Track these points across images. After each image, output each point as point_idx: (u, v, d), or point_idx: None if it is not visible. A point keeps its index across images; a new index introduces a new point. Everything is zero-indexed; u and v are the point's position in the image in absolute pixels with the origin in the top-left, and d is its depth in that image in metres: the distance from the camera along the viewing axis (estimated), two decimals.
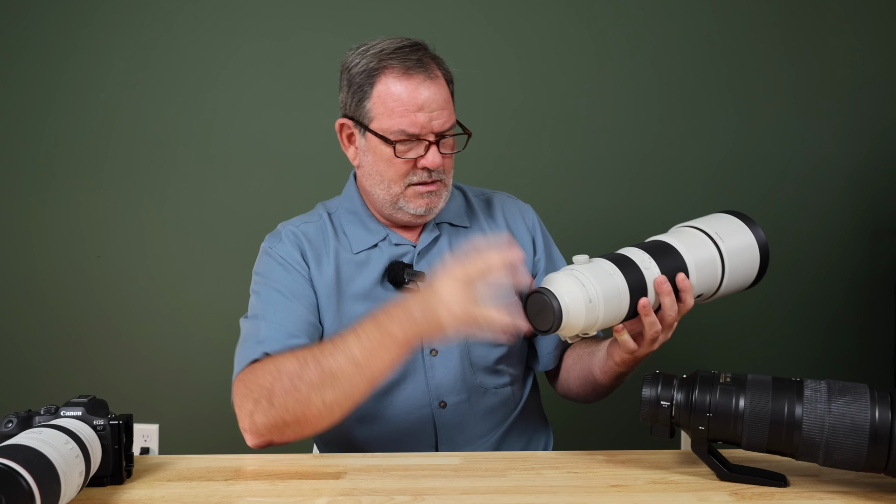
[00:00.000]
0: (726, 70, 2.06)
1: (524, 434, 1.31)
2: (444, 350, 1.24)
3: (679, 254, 1.05)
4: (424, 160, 1.19)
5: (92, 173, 2.07)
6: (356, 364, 1.01)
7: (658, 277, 1.02)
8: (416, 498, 0.92)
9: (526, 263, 1.33)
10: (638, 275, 1.01)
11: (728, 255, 1.08)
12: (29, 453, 0.78)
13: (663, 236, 1.10)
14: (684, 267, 1.05)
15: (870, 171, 2.09)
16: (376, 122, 1.20)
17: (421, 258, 1.27)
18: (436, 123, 1.18)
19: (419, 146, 1.19)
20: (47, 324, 2.10)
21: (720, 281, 1.09)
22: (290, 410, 1.03)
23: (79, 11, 2.03)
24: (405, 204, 1.23)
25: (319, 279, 1.23)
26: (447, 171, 1.24)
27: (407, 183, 1.21)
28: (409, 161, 1.20)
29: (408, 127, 1.17)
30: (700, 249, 1.07)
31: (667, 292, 1.02)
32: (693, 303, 1.05)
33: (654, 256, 1.04)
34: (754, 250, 1.11)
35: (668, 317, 1.04)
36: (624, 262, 1.02)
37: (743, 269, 1.10)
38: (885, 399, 0.87)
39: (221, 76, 2.04)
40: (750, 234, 1.11)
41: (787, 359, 2.11)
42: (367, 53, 1.21)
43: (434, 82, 1.19)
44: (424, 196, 1.22)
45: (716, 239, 1.08)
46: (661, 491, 0.94)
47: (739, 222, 1.12)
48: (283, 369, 1.04)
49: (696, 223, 1.12)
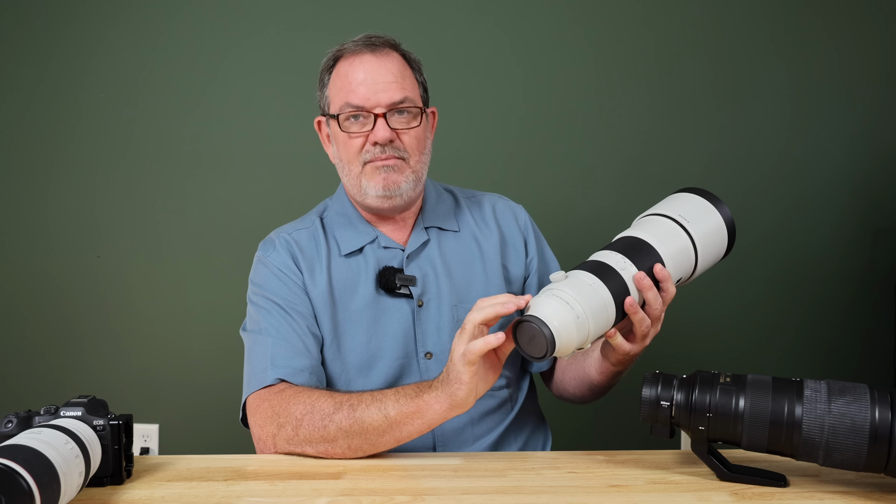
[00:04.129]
0: (726, 70, 2.06)
1: (522, 435, 1.31)
2: (439, 354, 1.25)
3: (652, 247, 1.05)
4: (373, 134, 1.20)
5: (92, 173, 2.07)
6: (389, 422, 1.03)
7: (637, 274, 1.01)
8: (416, 498, 0.92)
9: (517, 265, 1.34)
10: (617, 278, 1.00)
11: (699, 239, 1.08)
12: (29, 453, 0.78)
13: (632, 231, 1.09)
14: (659, 259, 1.05)
15: (870, 171, 2.09)
16: (332, 106, 1.24)
17: (410, 262, 1.27)
18: (382, 96, 1.20)
19: (367, 121, 1.21)
20: (47, 324, 2.10)
21: (695, 264, 1.09)
22: (313, 444, 1.06)
23: (78, 12, 2.03)
24: (366, 184, 1.23)
25: (313, 288, 1.24)
26: (410, 151, 1.23)
27: (363, 161, 1.22)
28: (360, 136, 1.21)
29: (352, 98, 1.20)
30: (671, 238, 1.06)
31: (648, 287, 1.02)
32: (675, 290, 1.05)
33: (629, 255, 1.03)
34: (722, 229, 1.10)
35: (654, 310, 1.04)
36: (601, 269, 1.01)
37: (714, 248, 1.11)
38: (885, 399, 0.87)
39: (221, 76, 2.05)
40: (716, 212, 1.10)
41: (787, 359, 2.11)
42: (331, 51, 1.27)
43: (380, 57, 1.22)
44: (381, 171, 1.22)
45: (683, 223, 1.07)
46: (661, 491, 0.94)
47: (703, 201, 1.11)
48: (317, 407, 1.06)
49: (661, 210, 1.11)
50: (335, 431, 1.04)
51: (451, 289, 1.27)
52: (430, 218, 1.31)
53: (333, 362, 1.23)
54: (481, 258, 1.31)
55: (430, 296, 1.26)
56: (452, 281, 1.27)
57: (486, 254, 1.31)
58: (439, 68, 2.02)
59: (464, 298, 1.27)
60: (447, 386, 1.00)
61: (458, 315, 1.26)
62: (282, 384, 1.14)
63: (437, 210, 1.32)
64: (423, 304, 1.25)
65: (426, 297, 1.26)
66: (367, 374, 1.23)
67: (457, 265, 1.29)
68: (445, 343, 1.25)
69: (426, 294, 1.26)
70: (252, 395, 1.15)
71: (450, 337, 1.25)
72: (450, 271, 1.28)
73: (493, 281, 1.30)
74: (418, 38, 2.02)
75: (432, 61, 1.98)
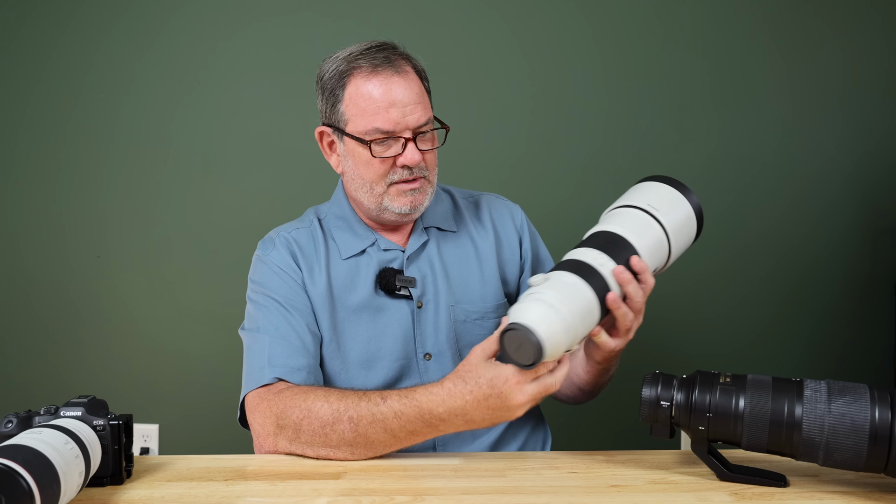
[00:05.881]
0: (725, 71, 2.06)
1: (521, 435, 1.31)
2: (437, 355, 1.25)
3: (626, 241, 1.03)
4: (403, 158, 1.18)
5: (91, 173, 2.07)
6: (393, 436, 1.03)
7: (616, 268, 1.00)
8: (416, 498, 0.92)
9: (513, 264, 1.34)
10: (597, 275, 0.99)
11: (670, 227, 1.07)
12: (29, 453, 0.78)
13: (604, 225, 1.07)
14: (635, 252, 1.03)
15: (870, 171, 2.09)
16: (351, 125, 1.20)
17: (410, 263, 1.27)
18: (410, 119, 1.17)
19: (396, 144, 1.18)
20: (47, 324, 2.10)
21: (668, 253, 1.08)
22: (314, 449, 1.06)
23: (78, 12, 2.03)
24: (390, 203, 1.22)
25: (312, 287, 1.24)
26: (430, 168, 1.23)
27: (388, 182, 1.21)
28: (388, 160, 1.19)
29: (382, 124, 1.17)
30: (644, 229, 1.05)
31: (628, 280, 1.01)
32: (653, 281, 1.04)
33: (605, 251, 1.02)
34: (690, 216, 1.09)
35: (636, 302, 1.03)
36: (580, 268, 0.99)
37: (685, 235, 1.10)
38: (885, 399, 0.87)
39: (221, 76, 2.05)
40: (684, 200, 1.09)
41: (787, 359, 2.11)
42: (337, 59, 1.22)
43: (404, 77, 1.18)
44: (408, 194, 1.21)
45: (654, 213, 1.06)
46: (661, 491, 0.94)
47: (670, 189, 1.10)
48: (315, 413, 1.05)
49: (629, 201, 1.10)
50: (337, 441, 1.04)
51: (448, 290, 1.27)
52: (429, 218, 1.31)
53: (333, 360, 1.23)
54: (478, 259, 1.31)
55: (429, 297, 1.26)
56: (450, 282, 1.27)
57: (482, 254, 1.31)
58: (439, 68, 2.02)
59: (461, 299, 1.27)
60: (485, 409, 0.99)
61: (454, 316, 1.26)
62: (280, 383, 1.13)
63: (437, 210, 1.32)
64: (422, 305, 1.25)
65: (425, 298, 1.26)
66: (366, 372, 1.23)
67: (454, 266, 1.29)
68: (444, 344, 1.25)
69: (425, 295, 1.26)
70: (250, 394, 1.14)
71: (447, 337, 1.25)
72: (447, 272, 1.28)
73: (489, 281, 1.30)
74: (418, 37, 2.03)
75: (432, 61, 1.98)
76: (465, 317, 1.27)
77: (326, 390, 1.09)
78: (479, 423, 1.01)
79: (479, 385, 0.98)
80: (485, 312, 1.28)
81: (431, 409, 1.01)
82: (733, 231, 2.08)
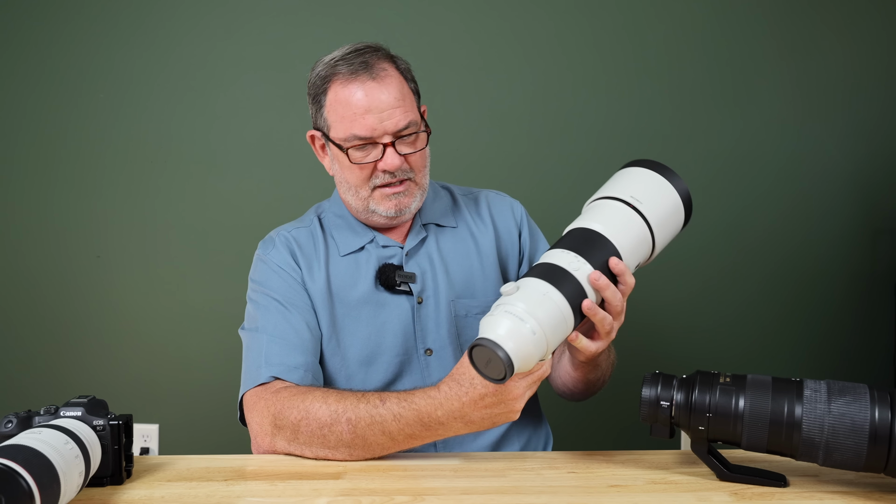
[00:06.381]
0: (726, 70, 2.06)
1: (522, 434, 1.31)
2: (438, 350, 1.25)
3: (605, 239, 0.98)
4: (382, 163, 1.18)
5: (91, 173, 2.07)
6: (391, 438, 1.04)
7: (591, 274, 0.95)
8: (416, 498, 0.92)
9: (513, 258, 1.35)
10: (571, 281, 0.94)
11: (654, 220, 1.01)
12: (29, 453, 0.78)
13: (584, 221, 1.01)
14: (614, 250, 0.98)
15: (870, 171, 2.09)
16: (333, 131, 1.21)
17: (409, 259, 1.27)
18: (388, 124, 1.17)
19: (376, 149, 1.18)
20: (47, 324, 2.10)
21: (652, 247, 1.03)
22: (312, 449, 1.06)
23: (78, 12, 2.03)
24: (376, 206, 1.22)
25: (311, 284, 1.24)
26: (416, 170, 1.22)
27: (372, 185, 1.21)
28: (368, 165, 1.19)
29: (359, 131, 1.17)
30: (625, 225, 1.00)
31: (605, 286, 0.95)
32: (633, 281, 1.00)
33: (581, 252, 0.96)
34: (678, 204, 1.03)
35: (614, 307, 0.99)
36: (553, 274, 0.94)
37: (670, 226, 1.04)
38: (885, 399, 0.87)
39: (221, 77, 2.04)
40: (669, 187, 1.03)
41: (787, 359, 2.10)
42: (322, 63, 1.22)
43: (381, 82, 1.17)
44: (392, 198, 1.21)
45: (637, 206, 1.01)
46: (661, 491, 0.94)
47: (655, 176, 1.03)
48: (312, 415, 1.05)
49: (611, 192, 1.03)
50: (335, 443, 1.04)
51: (448, 285, 1.27)
52: (427, 215, 1.31)
53: (333, 357, 1.23)
54: (478, 253, 1.31)
55: (429, 292, 1.26)
56: (450, 277, 1.28)
57: (482, 249, 1.31)
58: (439, 68, 2.03)
59: (461, 294, 1.27)
60: (483, 409, 1.01)
61: (455, 311, 1.26)
62: (277, 382, 1.13)
63: (435, 207, 1.33)
64: (422, 300, 1.25)
65: (425, 293, 1.26)
66: (366, 369, 1.24)
67: (454, 261, 1.29)
68: (444, 339, 1.25)
69: (425, 291, 1.26)
70: (248, 393, 1.15)
71: (448, 332, 1.25)
72: (447, 267, 1.28)
73: (489, 276, 1.30)
74: (418, 37, 2.04)
75: (431, 60, 1.99)
76: (466, 311, 1.27)
77: (325, 391, 1.09)
78: (480, 425, 1.01)
79: (474, 385, 0.99)
80: (486, 307, 1.27)
81: (430, 412, 1.01)
82: (733, 231, 2.08)
